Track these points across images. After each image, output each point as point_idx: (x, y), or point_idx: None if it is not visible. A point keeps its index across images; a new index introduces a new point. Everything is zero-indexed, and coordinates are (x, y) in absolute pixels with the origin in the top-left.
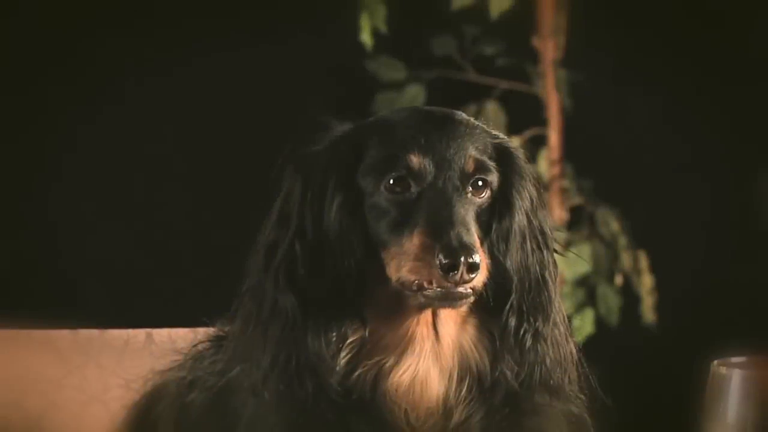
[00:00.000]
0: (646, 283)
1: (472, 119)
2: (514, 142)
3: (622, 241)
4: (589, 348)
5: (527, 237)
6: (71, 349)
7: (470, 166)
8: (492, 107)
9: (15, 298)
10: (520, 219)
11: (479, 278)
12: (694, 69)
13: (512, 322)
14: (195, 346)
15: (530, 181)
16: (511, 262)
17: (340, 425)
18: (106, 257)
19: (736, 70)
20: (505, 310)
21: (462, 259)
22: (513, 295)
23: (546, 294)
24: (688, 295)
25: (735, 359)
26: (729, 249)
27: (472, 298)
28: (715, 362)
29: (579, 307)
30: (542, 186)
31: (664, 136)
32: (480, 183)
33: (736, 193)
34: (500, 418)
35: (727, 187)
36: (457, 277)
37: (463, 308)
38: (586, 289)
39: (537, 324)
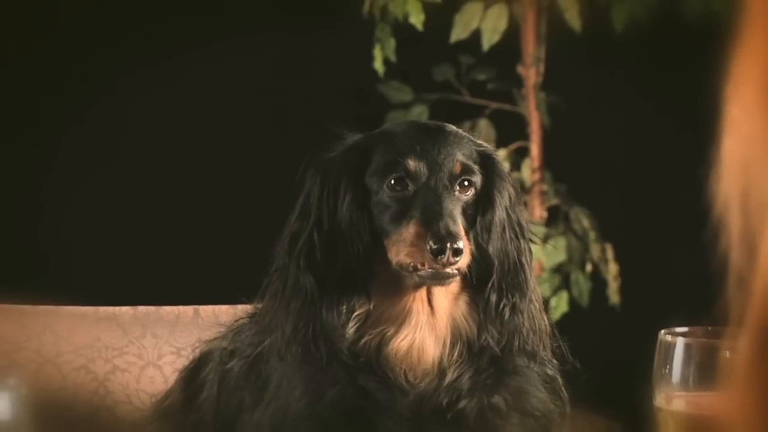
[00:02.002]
0: (612, 270)
1: (460, 130)
2: (496, 150)
3: (592, 235)
4: (564, 324)
5: (506, 228)
6: (131, 323)
7: (457, 169)
8: (483, 124)
9: (83, 280)
10: (500, 213)
11: (463, 261)
12: (652, 90)
13: (493, 298)
14: (236, 321)
15: (508, 181)
16: (493, 248)
17: (350, 382)
18: (161, 243)
19: (686, 92)
20: (488, 288)
21: (448, 245)
22: (494, 276)
23: (522, 275)
24: (647, 280)
25: (679, 329)
26: (680, 241)
27: (458, 278)
28: (663, 331)
29: (556, 290)
30: (523, 189)
31: (627, 147)
32: (466, 183)
33: (687, 194)
34: (486, 377)
35: (680, 188)
36: (444, 259)
37: (453, 286)
38: (562, 275)
39: (514, 300)
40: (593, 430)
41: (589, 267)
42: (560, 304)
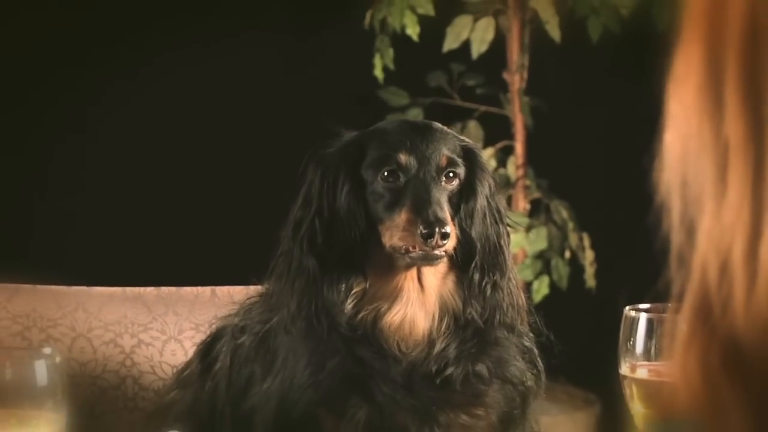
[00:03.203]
0: (589, 257)
1: (445, 128)
2: (484, 148)
3: (570, 225)
4: (545, 305)
5: (487, 214)
6: (155, 302)
7: (443, 162)
8: (473, 125)
9: (112, 264)
10: (481, 201)
11: (450, 244)
12: (625, 94)
13: (476, 276)
14: (247, 299)
15: (488, 173)
16: (475, 232)
17: (349, 352)
18: (182, 232)
19: (655, 94)
20: (471, 268)
21: (436, 229)
22: (477, 257)
23: (502, 256)
24: (620, 266)
25: (642, 306)
26: (647, 232)
27: (445, 259)
28: (628, 308)
29: (537, 275)
30: (508, 183)
31: (603, 146)
32: (451, 174)
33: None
34: (470, 347)
35: (647, 182)
36: (433, 242)
37: (441, 266)
38: (543, 261)
39: (495, 278)
40: (572, 400)
41: (567, 254)
42: (541, 288)
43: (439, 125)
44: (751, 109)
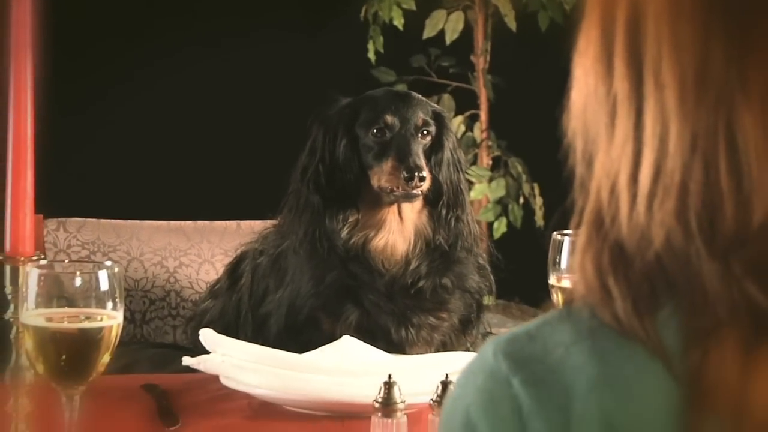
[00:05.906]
0: (539, 202)
1: (420, 96)
2: (455, 116)
3: (524, 177)
4: (503, 241)
5: (450, 163)
6: (193, 232)
7: (420, 122)
8: (446, 97)
9: (159, 202)
10: (447, 153)
11: (425, 185)
12: (567, 71)
13: (444, 211)
14: (264, 230)
15: (452, 132)
16: (442, 177)
17: (344, 269)
18: (216, 177)
19: None
20: (440, 204)
21: (416, 174)
22: (443, 197)
23: (462, 196)
24: (563, 209)
25: (566, 231)
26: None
27: (421, 197)
28: (555, 233)
29: (497, 217)
30: (475, 144)
31: (549, 114)
32: (425, 132)
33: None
34: (438, 264)
35: None
36: (413, 183)
37: (417, 203)
38: (502, 206)
39: (457, 212)
40: (524, 315)
41: (521, 200)
42: (500, 227)
43: (416, 94)
44: (633, 74)
